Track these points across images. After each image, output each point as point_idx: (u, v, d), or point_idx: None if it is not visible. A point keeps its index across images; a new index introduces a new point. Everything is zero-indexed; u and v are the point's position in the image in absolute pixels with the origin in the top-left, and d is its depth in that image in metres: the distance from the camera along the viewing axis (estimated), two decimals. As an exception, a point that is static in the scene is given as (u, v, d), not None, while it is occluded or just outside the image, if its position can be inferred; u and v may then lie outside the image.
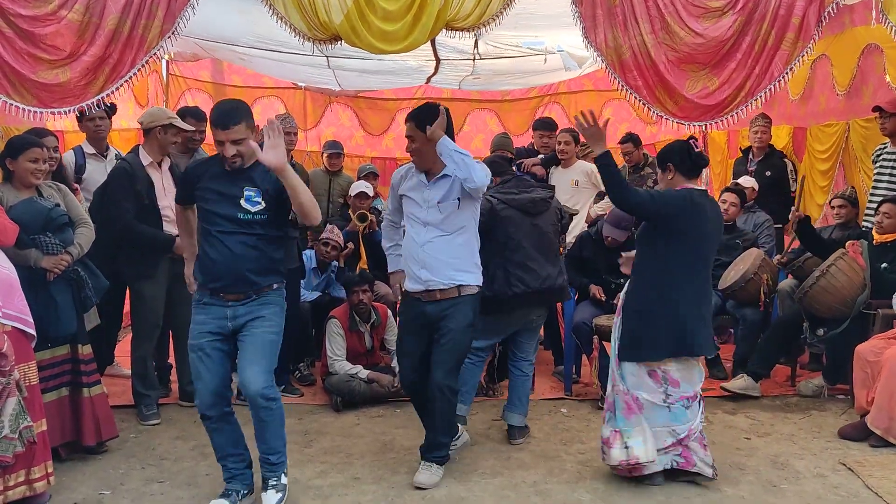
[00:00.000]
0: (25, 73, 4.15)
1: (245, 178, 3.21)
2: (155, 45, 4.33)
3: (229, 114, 3.14)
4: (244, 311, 3.23)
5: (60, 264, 3.64)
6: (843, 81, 5.74)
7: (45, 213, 3.64)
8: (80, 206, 3.96)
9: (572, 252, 5.10)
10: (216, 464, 3.81)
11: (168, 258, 4.40)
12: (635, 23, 4.53)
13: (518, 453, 4.02)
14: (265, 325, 3.24)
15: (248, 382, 3.17)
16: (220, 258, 3.18)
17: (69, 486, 3.56)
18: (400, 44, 4.47)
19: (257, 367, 3.19)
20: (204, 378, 3.24)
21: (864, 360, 4.23)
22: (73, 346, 3.80)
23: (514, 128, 8.56)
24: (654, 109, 4.68)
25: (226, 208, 3.19)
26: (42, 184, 3.74)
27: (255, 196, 3.18)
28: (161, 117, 4.43)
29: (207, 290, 3.25)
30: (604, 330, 4.65)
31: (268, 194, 3.19)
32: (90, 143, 4.91)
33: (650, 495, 3.51)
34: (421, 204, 3.53)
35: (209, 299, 3.25)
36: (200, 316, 3.27)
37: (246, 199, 3.17)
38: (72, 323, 3.70)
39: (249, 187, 3.19)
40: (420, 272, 3.53)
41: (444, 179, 3.51)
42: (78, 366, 3.81)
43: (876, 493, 3.50)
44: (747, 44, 4.56)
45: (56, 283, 3.65)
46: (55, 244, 3.64)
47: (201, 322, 3.25)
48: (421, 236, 3.53)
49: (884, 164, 5.14)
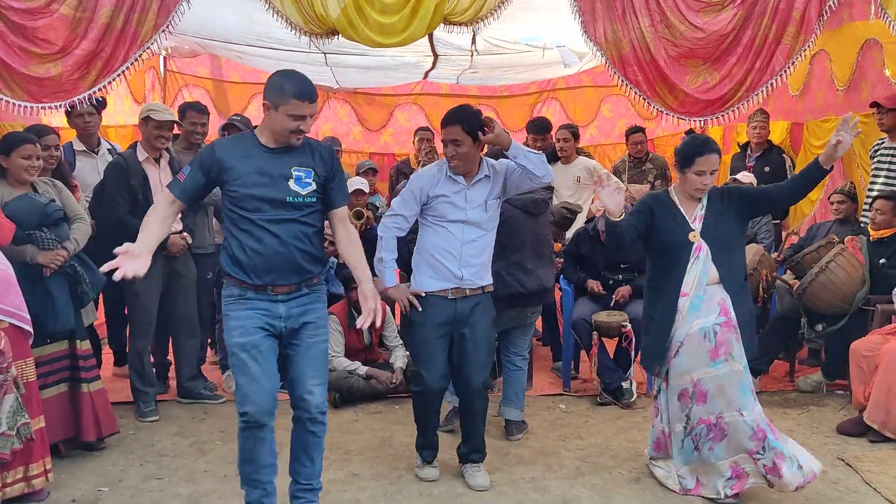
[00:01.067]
0: (16, 66, 4.13)
1: (291, 156, 2.87)
2: (149, 39, 4.32)
3: (313, 89, 2.87)
4: (297, 310, 2.92)
5: (56, 259, 3.63)
6: (842, 77, 5.73)
7: (41, 208, 3.63)
8: (75, 202, 3.94)
9: (570, 248, 5.09)
10: (214, 460, 3.82)
11: (164, 255, 4.39)
12: (634, 17, 4.52)
13: (516, 449, 4.02)
14: (319, 333, 2.99)
15: (312, 396, 2.93)
16: (267, 249, 2.82)
17: (67, 482, 3.56)
18: (397, 37, 4.46)
19: (318, 381, 2.98)
20: (260, 380, 2.86)
21: (859, 356, 4.24)
22: (72, 342, 3.79)
23: (513, 124, 8.55)
24: (654, 104, 4.68)
25: (272, 191, 2.82)
26: (37, 180, 3.72)
27: (306, 177, 2.86)
28: (142, 112, 4.40)
29: (251, 287, 2.87)
30: (603, 326, 4.65)
31: (318, 177, 2.89)
32: (80, 139, 4.89)
33: (649, 492, 3.51)
34: (462, 205, 3.49)
35: (254, 294, 2.88)
36: (245, 311, 2.87)
37: (296, 179, 2.84)
38: (69, 318, 3.69)
39: (299, 167, 2.86)
40: (460, 270, 3.49)
41: (484, 180, 3.51)
42: (76, 361, 3.80)
43: (874, 488, 3.50)
44: (748, 38, 4.56)
45: (53, 279, 3.64)
46: (51, 239, 3.63)
47: (248, 317, 2.87)
48: (463, 235, 3.49)
49: (881, 160, 5.14)
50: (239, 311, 2.88)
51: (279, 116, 2.80)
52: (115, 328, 5.07)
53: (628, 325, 4.60)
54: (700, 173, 3.31)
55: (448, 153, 3.46)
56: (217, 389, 4.85)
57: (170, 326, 4.65)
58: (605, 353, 4.75)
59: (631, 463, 3.82)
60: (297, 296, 2.91)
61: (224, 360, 5.06)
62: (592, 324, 4.69)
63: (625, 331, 4.61)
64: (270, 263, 2.83)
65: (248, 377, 2.85)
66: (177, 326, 4.62)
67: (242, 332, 2.85)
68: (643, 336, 3.59)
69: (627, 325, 4.60)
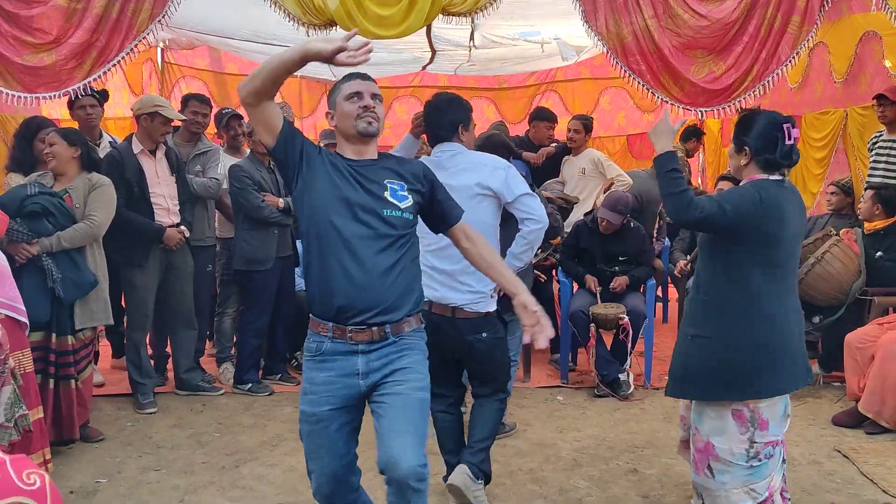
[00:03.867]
0: (10, 56, 4.11)
1: (384, 166, 2.43)
2: (144, 29, 4.29)
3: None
4: (379, 362, 2.37)
5: (20, 253, 3.58)
6: (841, 69, 5.72)
7: (20, 199, 3.60)
8: (100, 205, 3.85)
9: (569, 241, 5.09)
10: (212, 452, 3.83)
11: (160, 248, 4.38)
12: (637, 7, 4.48)
13: (514, 441, 4.02)
14: (411, 378, 2.39)
15: (399, 458, 2.29)
16: (347, 275, 2.31)
17: (66, 474, 3.56)
18: (395, 29, 4.44)
19: (409, 438, 2.32)
20: (322, 459, 2.42)
21: (853, 348, 4.27)
22: (47, 335, 3.70)
23: (512, 116, 8.54)
24: (658, 95, 4.61)
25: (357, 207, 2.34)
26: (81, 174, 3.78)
27: (401, 190, 2.39)
28: (147, 105, 4.36)
29: (328, 329, 2.37)
30: (600, 318, 4.66)
31: (416, 193, 2.43)
32: (82, 131, 4.86)
33: (647, 484, 3.52)
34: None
35: (331, 345, 2.38)
36: (320, 374, 2.39)
37: (391, 192, 2.37)
38: (43, 310, 3.61)
39: (393, 179, 2.40)
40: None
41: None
42: (48, 355, 3.69)
43: (871, 479, 3.50)
44: (753, 27, 4.51)
45: (25, 270, 3.59)
46: (22, 232, 3.59)
47: (322, 383, 2.39)
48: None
49: (879, 153, 5.13)
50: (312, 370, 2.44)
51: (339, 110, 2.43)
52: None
53: (625, 318, 4.60)
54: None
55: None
56: (215, 381, 4.85)
57: (167, 319, 4.65)
58: (602, 345, 4.76)
59: (628, 454, 3.83)
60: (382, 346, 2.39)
61: (222, 352, 5.07)
62: (590, 316, 4.70)
63: (622, 323, 4.61)
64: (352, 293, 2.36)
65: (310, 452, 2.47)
66: (174, 319, 4.62)
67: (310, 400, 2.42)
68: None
69: (625, 317, 4.61)
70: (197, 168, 4.80)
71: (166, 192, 4.43)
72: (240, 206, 4.66)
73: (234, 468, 3.66)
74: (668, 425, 4.20)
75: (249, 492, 3.41)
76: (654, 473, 3.61)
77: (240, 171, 4.61)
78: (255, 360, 4.86)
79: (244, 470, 3.63)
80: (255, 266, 4.66)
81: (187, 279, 4.59)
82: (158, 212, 4.37)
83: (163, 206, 4.40)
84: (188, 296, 4.61)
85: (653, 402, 4.60)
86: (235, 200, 4.67)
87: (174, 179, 4.49)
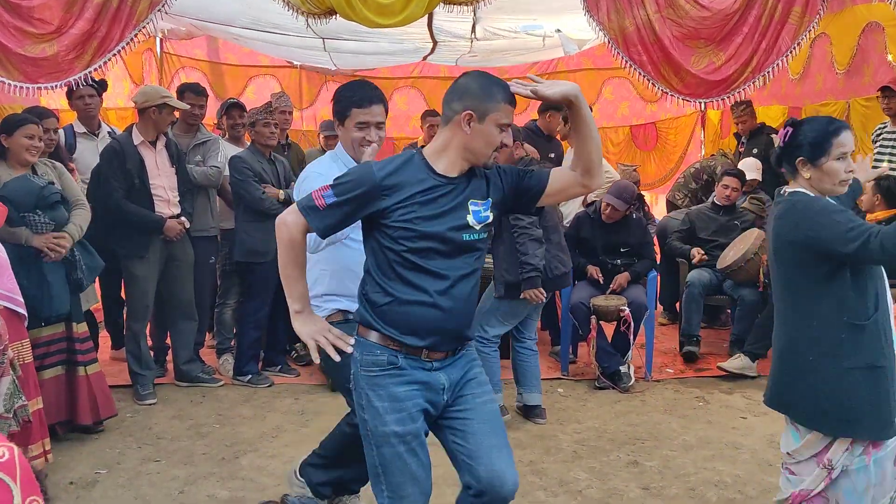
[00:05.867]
0: (11, 46, 4.09)
1: (465, 184, 2.20)
2: (144, 18, 4.27)
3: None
4: (456, 374, 2.26)
5: (58, 246, 3.59)
6: (843, 60, 5.69)
7: (38, 191, 3.60)
8: (76, 187, 3.91)
9: (570, 232, 5.07)
10: (212, 443, 3.83)
11: (161, 239, 4.37)
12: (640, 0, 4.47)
13: (514, 433, 4.01)
14: (484, 390, 2.30)
15: (505, 475, 2.17)
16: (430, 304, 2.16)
17: (66, 464, 3.56)
18: (396, 17, 4.41)
19: (507, 453, 2.23)
20: (420, 480, 2.21)
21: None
22: (68, 325, 3.77)
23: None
24: (658, 85, 4.62)
25: (446, 230, 2.15)
26: (38, 162, 3.70)
27: (484, 210, 2.21)
28: (154, 97, 4.33)
29: (401, 350, 2.19)
30: (601, 310, 4.65)
31: (494, 205, 2.24)
32: (81, 121, 4.85)
33: (647, 475, 3.52)
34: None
35: (405, 360, 2.19)
36: (400, 389, 2.18)
37: (474, 214, 2.19)
38: (65, 302, 3.67)
39: (476, 199, 2.20)
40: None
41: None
42: (73, 344, 3.78)
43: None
44: (754, 17, 4.50)
45: (48, 262, 3.61)
46: (45, 223, 3.60)
47: (405, 398, 2.18)
48: None
49: (884, 144, 5.11)
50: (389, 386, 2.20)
51: (486, 129, 2.14)
52: (111, 311, 5.06)
53: (626, 310, 4.60)
54: (842, 157, 2.35)
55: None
56: (215, 373, 4.85)
57: (167, 310, 4.64)
58: (603, 337, 4.75)
59: (628, 446, 3.83)
60: (454, 361, 2.28)
61: (221, 343, 5.06)
62: (591, 308, 4.68)
63: (623, 315, 4.61)
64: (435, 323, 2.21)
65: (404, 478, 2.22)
66: (174, 310, 4.61)
67: (395, 419, 2.18)
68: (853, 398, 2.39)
69: (626, 308, 4.60)
70: (197, 158, 4.78)
71: (166, 184, 4.41)
72: (240, 198, 4.65)
73: (234, 459, 3.66)
74: (669, 417, 4.20)
75: (249, 483, 3.41)
76: (655, 465, 3.61)
77: (240, 162, 4.59)
78: (254, 351, 4.86)
79: (244, 461, 3.63)
80: (256, 258, 4.64)
81: (188, 270, 4.58)
82: (158, 203, 4.36)
83: (163, 197, 4.38)
84: (188, 287, 4.60)
85: (653, 395, 4.60)
86: (236, 192, 4.66)
87: (174, 171, 4.47)
